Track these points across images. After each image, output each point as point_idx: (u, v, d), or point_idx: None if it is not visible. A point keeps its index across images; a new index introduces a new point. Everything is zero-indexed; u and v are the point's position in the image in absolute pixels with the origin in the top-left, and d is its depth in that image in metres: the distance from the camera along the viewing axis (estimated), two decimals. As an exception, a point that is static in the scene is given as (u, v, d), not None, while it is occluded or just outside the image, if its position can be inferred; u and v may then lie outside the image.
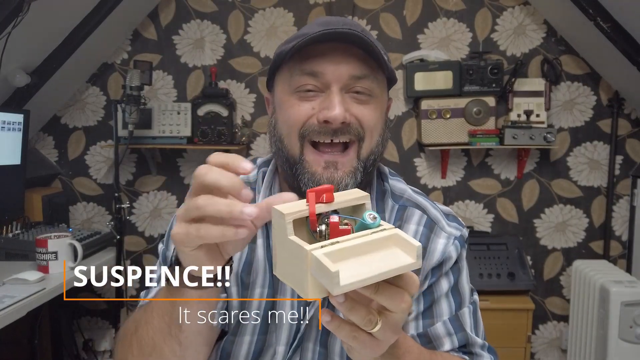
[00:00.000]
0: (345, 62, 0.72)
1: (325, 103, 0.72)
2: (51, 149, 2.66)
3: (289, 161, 0.76)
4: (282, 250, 0.52)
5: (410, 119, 2.60)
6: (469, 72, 2.39)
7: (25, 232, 2.10)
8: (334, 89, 0.72)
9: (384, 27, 2.57)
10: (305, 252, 0.47)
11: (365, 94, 0.74)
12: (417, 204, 0.84)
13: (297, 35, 0.73)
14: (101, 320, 2.74)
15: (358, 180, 0.75)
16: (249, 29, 2.58)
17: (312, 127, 0.73)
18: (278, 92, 0.78)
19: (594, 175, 2.58)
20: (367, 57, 0.73)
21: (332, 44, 0.71)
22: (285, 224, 0.50)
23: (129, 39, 2.59)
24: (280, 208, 0.51)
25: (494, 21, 2.54)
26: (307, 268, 0.47)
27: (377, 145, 0.77)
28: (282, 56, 0.74)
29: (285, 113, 0.75)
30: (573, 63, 2.52)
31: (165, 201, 2.67)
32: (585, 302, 2.27)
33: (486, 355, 0.83)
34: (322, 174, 0.74)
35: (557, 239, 2.62)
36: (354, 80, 0.73)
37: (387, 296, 0.50)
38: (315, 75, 0.72)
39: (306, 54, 0.72)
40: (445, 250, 0.80)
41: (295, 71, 0.73)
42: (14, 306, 1.53)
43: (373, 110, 0.75)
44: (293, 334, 0.79)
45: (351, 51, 0.72)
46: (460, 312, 0.82)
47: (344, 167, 0.74)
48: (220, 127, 2.36)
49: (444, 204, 2.58)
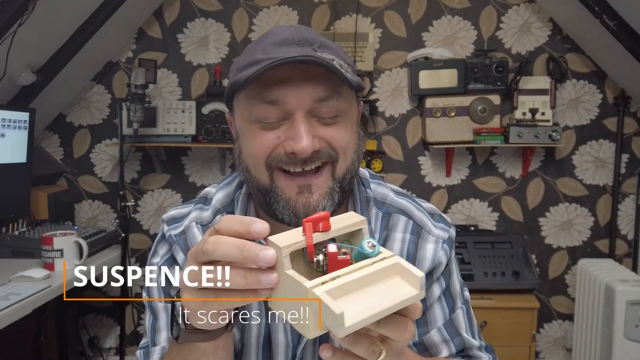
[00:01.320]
0: (306, 85, 0.66)
1: (290, 132, 0.67)
2: (57, 147, 2.67)
3: (260, 190, 0.71)
4: (278, 284, 0.49)
5: (415, 117, 2.60)
6: (474, 70, 2.39)
7: (31, 230, 2.11)
8: (298, 116, 0.66)
9: (389, 25, 2.56)
10: (305, 289, 0.45)
11: (332, 116, 0.68)
12: (402, 209, 0.81)
13: (252, 62, 0.66)
14: (106, 318, 2.75)
15: (336, 201, 0.70)
16: (254, 27, 2.58)
17: (279, 157, 0.68)
18: (238, 119, 0.72)
19: (599, 174, 2.56)
20: (330, 74, 0.66)
21: (290, 66, 0.65)
22: (281, 257, 0.47)
23: (133, 38, 2.59)
24: (275, 240, 0.48)
25: (499, 19, 2.53)
26: (307, 306, 0.45)
27: (352, 162, 0.72)
28: (237, 85, 0.67)
29: (248, 144, 0.70)
30: (579, 61, 2.50)
31: (170, 199, 2.67)
32: (590, 301, 2.26)
33: (484, 356, 0.82)
34: (296, 200, 0.69)
35: (562, 237, 2.61)
36: (318, 103, 0.67)
37: (391, 328, 0.49)
38: (277, 103, 0.66)
39: (264, 79, 0.66)
40: (435, 256, 0.78)
41: (254, 99, 0.67)
42: (20, 303, 1.54)
43: (343, 129, 0.70)
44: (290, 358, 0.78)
45: (311, 71, 0.66)
46: (454, 316, 0.81)
47: (319, 190, 0.69)
48: (225, 126, 2.37)
49: (449, 202, 2.61)
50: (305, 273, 0.48)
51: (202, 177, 2.67)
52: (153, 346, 0.79)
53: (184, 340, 0.60)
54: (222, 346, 0.62)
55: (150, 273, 0.81)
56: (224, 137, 2.38)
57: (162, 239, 0.81)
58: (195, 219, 0.80)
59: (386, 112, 2.60)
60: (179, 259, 0.78)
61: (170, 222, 0.81)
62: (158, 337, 0.79)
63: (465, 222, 2.62)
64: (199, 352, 0.61)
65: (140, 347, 0.82)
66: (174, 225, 0.80)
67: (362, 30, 2.54)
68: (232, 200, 0.82)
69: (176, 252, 0.79)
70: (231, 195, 0.82)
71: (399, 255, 0.77)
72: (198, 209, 0.82)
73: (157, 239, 0.83)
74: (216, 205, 0.81)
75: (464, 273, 1.99)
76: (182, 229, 0.80)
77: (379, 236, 0.79)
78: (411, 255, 0.79)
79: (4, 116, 2.02)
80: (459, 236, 2.34)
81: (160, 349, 0.78)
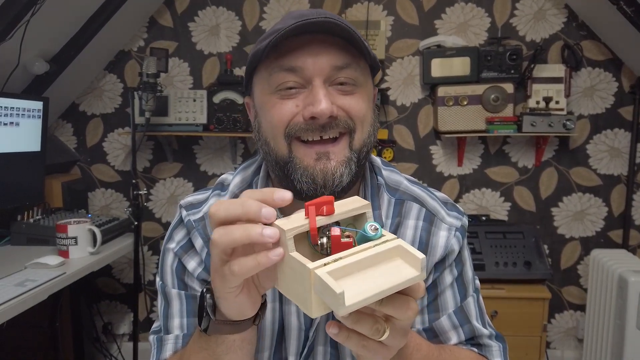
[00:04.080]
0: (325, 53, 0.68)
1: (309, 99, 0.68)
2: (70, 136, 2.69)
3: (279, 163, 0.72)
4: (284, 266, 0.50)
5: (427, 106, 2.57)
6: (487, 58, 2.36)
7: (45, 218, 2.14)
8: (317, 82, 0.68)
9: (401, 12, 2.53)
10: (308, 270, 0.46)
11: (350, 84, 0.70)
12: (415, 197, 0.81)
13: (271, 32, 0.68)
14: (120, 304, 2.79)
15: (353, 170, 0.71)
16: (264, 15, 2.57)
17: (298, 126, 0.69)
18: (258, 94, 0.74)
19: (614, 164, 2.53)
20: (347, 45, 0.69)
21: (309, 35, 0.67)
22: (286, 240, 0.49)
23: (145, 27, 2.60)
24: (280, 224, 0.49)
25: (513, 6, 2.49)
26: (310, 286, 0.46)
27: (368, 136, 0.73)
28: (257, 55, 0.69)
29: (267, 114, 0.71)
30: (594, 48, 2.46)
31: (182, 188, 2.69)
32: (602, 292, 2.24)
33: (494, 345, 0.82)
34: (314, 166, 0.70)
35: (575, 227, 2.59)
36: (337, 71, 0.68)
37: (393, 307, 0.50)
38: (295, 70, 0.68)
39: (283, 49, 0.68)
40: (448, 243, 0.79)
41: (273, 69, 0.69)
42: (36, 290, 1.57)
43: (360, 99, 0.71)
44: (302, 342, 0.78)
45: (330, 41, 0.68)
46: (465, 303, 0.81)
47: (337, 157, 0.70)
48: (236, 115, 2.37)
49: (460, 192, 2.60)
50: (309, 256, 0.49)
51: (213, 166, 2.68)
52: (166, 334, 0.80)
53: (213, 332, 0.60)
54: (248, 340, 0.63)
55: (164, 258, 0.82)
56: (235, 126, 2.38)
57: (179, 224, 0.82)
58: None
59: (397, 100, 2.58)
60: (196, 245, 0.79)
61: (189, 208, 0.82)
62: (171, 323, 0.80)
63: (476, 212, 2.61)
64: (225, 345, 0.62)
65: (153, 332, 0.82)
66: (193, 211, 0.81)
67: (374, 18, 2.52)
68: (250, 184, 0.83)
69: (194, 238, 0.79)
70: (248, 179, 0.83)
71: (411, 242, 0.78)
72: (215, 195, 0.83)
73: (172, 224, 0.84)
74: (234, 190, 0.82)
75: (475, 263, 1.98)
76: (201, 215, 0.80)
77: (390, 222, 0.80)
78: (424, 243, 0.79)
79: (18, 105, 2.04)
80: (471, 226, 2.32)
81: (173, 337, 0.79)
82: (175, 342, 0.78)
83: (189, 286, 0.80)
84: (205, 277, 0.79)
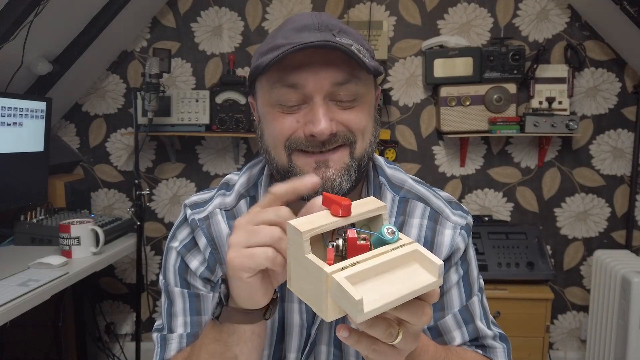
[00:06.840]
0: (325, 70, 0.68)
1: (309, 116, 0.69)
2: (73, 137, 2.70)
3: (280, 171, 0.74)
4: (298, 266, 0.50)
5: (429, 106, 2.57)
6: (490, 58, 2.35)
7: (48, 218, 2.14)
8: (317, 100, 0.68)
9: (403, 13, 2.53)
10: (325, 274, 0.46)
11: (350, 100, 0.70)
12: (419, 196, 0.82)
13: (273, 47, 0.69)
14: (122, 304, 2.80)
15: (352, 177, 0.72)
16: (267, 15, 2.57)
17: (298, 140, 0.70)
18: (260, 101, 0.75)
19: (617, 164, 2.52)
20: (348, 59, 0.69)
21: (310, 50, 0.67)
22: (302, 241, 0.48)
23: (148, 27, 2.60)
24: (296, 224, 0.49)
25: (516, 6, 2.48)
26: (326, 290, 0.46)
27: (370, 144, 0.74)
28: (259, 70, 0.70)
29: (269, 125, 0.73)
30: (597, 49, 2.45)
31: (185, 188, 2.70)
32: (606, 293, 2.23)
33: (499, 346, 0.82)
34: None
35: (578, 228, 2.58)
36: (337, 87, 0.69)
37: (408, 312, 0.50)
38: (296, 87, 0.68)
39: (284, 64, 0.68)
40: (453, 242, 0.79)
41: (274, 83, 0.70)
42: (39, 289, 1.57)
43: (360, 113, 0.72)
44: (304, 339, 0.79)
45: (330, 56, 0.68)
46: (470, 302, 0.81)
47: (336, 164, 0.71)
48: (238, 115, 2.37)
49: (463, 192, 2.59)
50: (324, 255, 0.49)
51: (215, 166, 2.68)
52: (169, 333, 0.80)
53: (225, 319, 0.62)
54: (258, 333, 0.64)
55: (167, 257, 0.83)
56: (238, 127, 2.38)
57: (183, 222, 0.82)
58: (219, 205, 0.81)
59: (400, 101, 2.58)
60: (200, 244, 0.80)
61: (194, 207, 0.83)
62: (174, 322, 0.80)
63: (479, 213, 2.61)
64: (236, 335, 0.63)
65: (156, 329, 0.83)
66: (198, 210, 0.82)
67: (376, 18, 2.52)
68: (255, 183, 0.83)
69: (198, 237, 0.80)
70: (253, 179, 0.84)
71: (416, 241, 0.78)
72: (220, 195, 0.83)
73: (176, 223, 0.84)
74: (239, 190, 0.82)
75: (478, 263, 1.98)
76: (206, 214, 0.81)
77: (394, 220, 0.80)
78: (429, 241, 0.79)
79: (21, 105, 2.04)
80: (473, 226, 2.30)
81: (177, 337, 0.79)
82: (179, 342, 0.79)
83: (191, 285, 0.80)
84: (208, 276, 0.79)
